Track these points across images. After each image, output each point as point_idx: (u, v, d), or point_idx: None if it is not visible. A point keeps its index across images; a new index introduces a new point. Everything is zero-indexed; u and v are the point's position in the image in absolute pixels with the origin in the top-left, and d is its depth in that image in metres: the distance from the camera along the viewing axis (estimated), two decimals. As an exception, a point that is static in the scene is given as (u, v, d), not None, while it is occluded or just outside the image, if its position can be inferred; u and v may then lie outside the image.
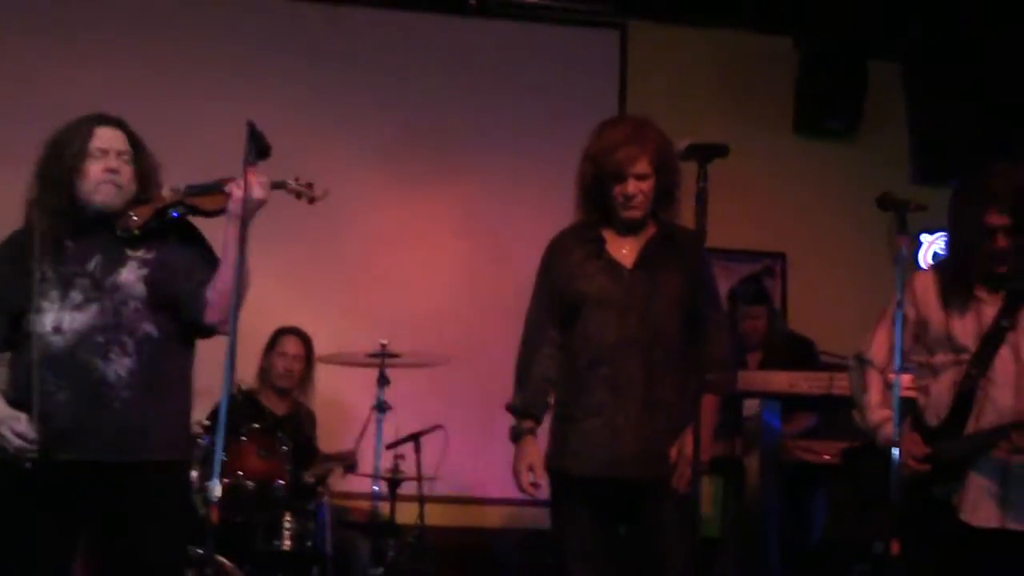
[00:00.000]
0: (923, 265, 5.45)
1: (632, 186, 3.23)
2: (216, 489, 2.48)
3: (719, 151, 2.85)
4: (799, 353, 4.94)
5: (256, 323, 3.05)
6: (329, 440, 4.93)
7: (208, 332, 2.96)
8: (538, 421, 3.33)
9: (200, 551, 3.74)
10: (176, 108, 5.18)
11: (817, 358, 4.97)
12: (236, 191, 2.82)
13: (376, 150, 5.67)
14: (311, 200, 2.92)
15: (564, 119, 5.18)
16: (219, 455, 2.51)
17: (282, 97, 5.44)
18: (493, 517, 5.27)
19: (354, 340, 4.52)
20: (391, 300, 5.47)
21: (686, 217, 3.18)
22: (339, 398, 5.16)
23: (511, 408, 3.32)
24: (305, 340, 4.83)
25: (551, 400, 3.33)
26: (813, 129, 6.00)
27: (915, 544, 2.89)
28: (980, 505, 2.99)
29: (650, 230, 3.31)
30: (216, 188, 2.88)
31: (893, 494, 2.82)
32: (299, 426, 4.74)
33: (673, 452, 3.15)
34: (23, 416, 2.78)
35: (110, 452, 2.84)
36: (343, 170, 5.36)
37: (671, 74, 5.98)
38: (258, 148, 2.65)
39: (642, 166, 3.22)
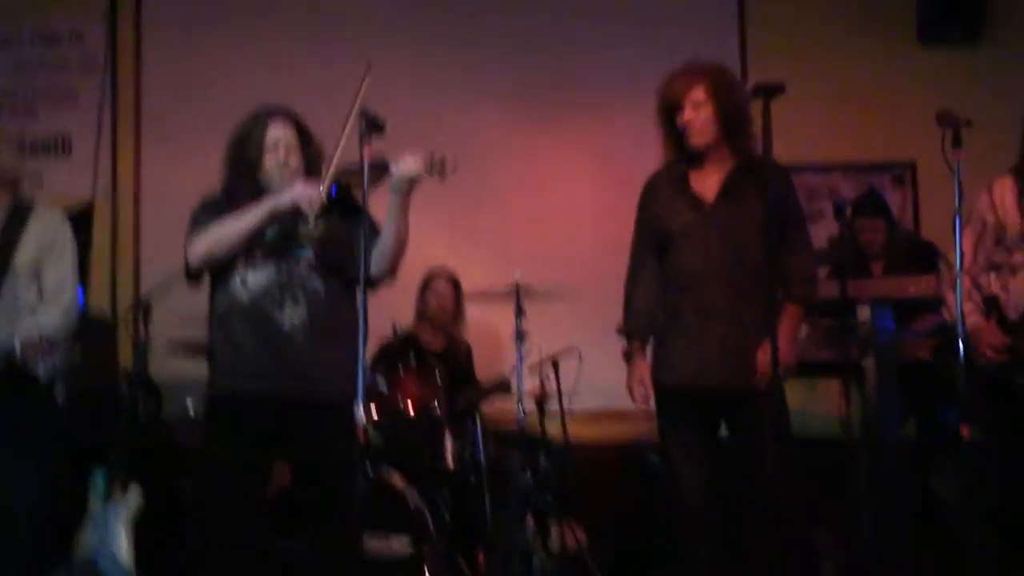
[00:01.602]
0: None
1: (688, 113, 3.50)
2: (359, 415, 2.91)
3: (777, 88, 3.11)
4: (921, 257, 5.00)
5: (410, 266, 3.50)
6: (486, 366, 5.34)
7: (372, 286, 3.37)
8: (645, 342, 3.67)
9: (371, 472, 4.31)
10: (303, 75, 5.62)
11: (939, 260, 5.03)
12: (395, 169, 3.23)
13: (507, 95, 5.98)
14: (442, 176, 3.21)
15: (687, 53, 5.35)
16: (361, 390, 2.94)
17: (412, 57, 5.81)
18: (631, 427, 5.44)
19: (497, 275, 4.81)
20: (530, 236, 5.79)
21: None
22: (489, 329, 5.51)
23: (620, 332, 3.69)
24: (453, 279, 5.27)
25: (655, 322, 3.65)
26: (936, 38, 5.95)
27: (997, 429, 3.15)
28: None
29: (730, 162, 3.56)
30: (369, 167, 3.19)
31: (960, 383, 3.09)
32: (455, 358, 5.16)
33: (759, 356, 3.40)
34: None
35: (287, 391, 3.37)
36: (474, 119, 5.77)
37: (790, -2, 6.01)
38: (371, 129, 3.01)
39: (696, 93, 3.48)
